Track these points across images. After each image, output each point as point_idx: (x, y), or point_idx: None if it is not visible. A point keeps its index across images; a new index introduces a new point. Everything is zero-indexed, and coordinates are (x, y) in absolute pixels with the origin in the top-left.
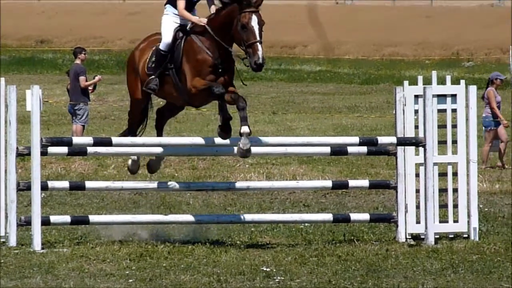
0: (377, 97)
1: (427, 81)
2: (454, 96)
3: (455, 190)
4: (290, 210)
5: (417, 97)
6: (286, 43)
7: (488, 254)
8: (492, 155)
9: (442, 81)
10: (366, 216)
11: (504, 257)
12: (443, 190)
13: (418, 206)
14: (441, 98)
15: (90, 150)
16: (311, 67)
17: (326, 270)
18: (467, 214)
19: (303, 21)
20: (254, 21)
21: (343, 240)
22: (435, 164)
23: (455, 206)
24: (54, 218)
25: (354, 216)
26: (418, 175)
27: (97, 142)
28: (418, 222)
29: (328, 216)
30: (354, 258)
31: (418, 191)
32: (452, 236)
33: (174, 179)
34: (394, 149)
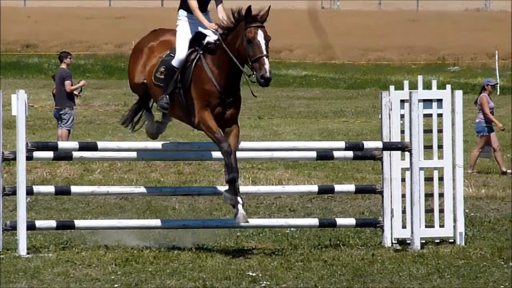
0: (363, 101)
1: (413, 85)
2: (440, 101)
3: (441, 195)
4: (276, 215)
5: (403, 101)
6: (272, 48)
7: (474, 259)
8: (479, 161)
9: (428, 85)
10: (352, 221)
11: (490, 262)
12: (429, 195)
13: (404, 211)
14: (427, 102)
15: (76, 154)
16: (297, 72)
17: (312, 275)
18: (453, 219)
19: (289, 25)
20: (260, 35)
21: (329, 245)
22: (421, 168)
23: (441, 211)
24: (39, 223)
25: (340, 221)
26: (404, 180)
27: (82, 147)
28: (404, 227)
29: (314, 221)
30: (340, 263)
31: (404, 196)
32: (438, 241)
33: (160, 184)
34: (380, 153)
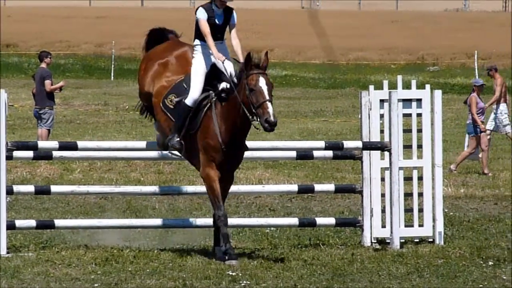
0: (343, 101)
1: (393, 85)
2: (419, 100)
3: (420, 195)
4: (256, 215)
5: (382, 101)
6: (252, 48)
7: (453, 258)
8: (467, 161)
9: (407, 85)
10: (331, 220)
11: (469, 261)
12: (409, 195)
13: (383, 211)
14: (406, 102)
15: (56, 154)
16: (277, 72)
17: (292, 274)
18: (432, 218)
19: (269, 26)
20: (262, 82)
21: (309, 244)
22: (401, 168)
23: (420, 210)
24: (19, 223)
25: (320, 220)
26: (383, 180)
27: (62, 146)
28: (384, 227)
29: (294, 220)
30: (320, 262)
31: (383, 196)
32: (417, 240)
33: (140, 184)
34: (360, 153)
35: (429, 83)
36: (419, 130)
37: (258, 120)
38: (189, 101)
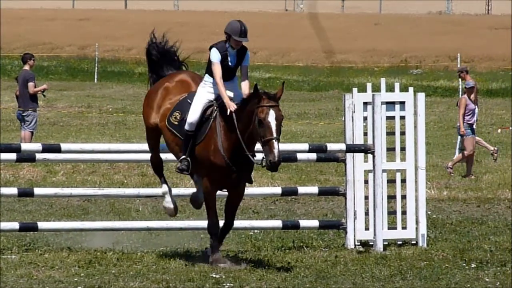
0: (326, 104)
1: (376, 88)
2: (402, 103)
3: (404, 197)
4: (240, 217)
5: (366, 104)
6: None
7: (436, 260)
8: (461, 164)
9: (390, 88)
10: (315, 222)
11: (452, 263)
12: (392, 197)
13: (367, 213)
14: (389, 105)
15: (39, 156)
16: (261, 74)
17: (276, 277)
18: (416, 220)
19: (253, 28)
20: (272, 116)
21: (293, 246)
22: (384, 171)
23: (404, 212)
24: (2, 225)
25: (304, 222)
26: (367, 182)
27: (46, 149)
28: (367, 229)
29: (277, 222)
30: (303, 265)
31: (367, 198)
32: (400, 242)
33: (123, 186)
34: (343, 155)
35: (412, 86)
36: (402, 133)
37: (264, 155)
38: (187, 126)
